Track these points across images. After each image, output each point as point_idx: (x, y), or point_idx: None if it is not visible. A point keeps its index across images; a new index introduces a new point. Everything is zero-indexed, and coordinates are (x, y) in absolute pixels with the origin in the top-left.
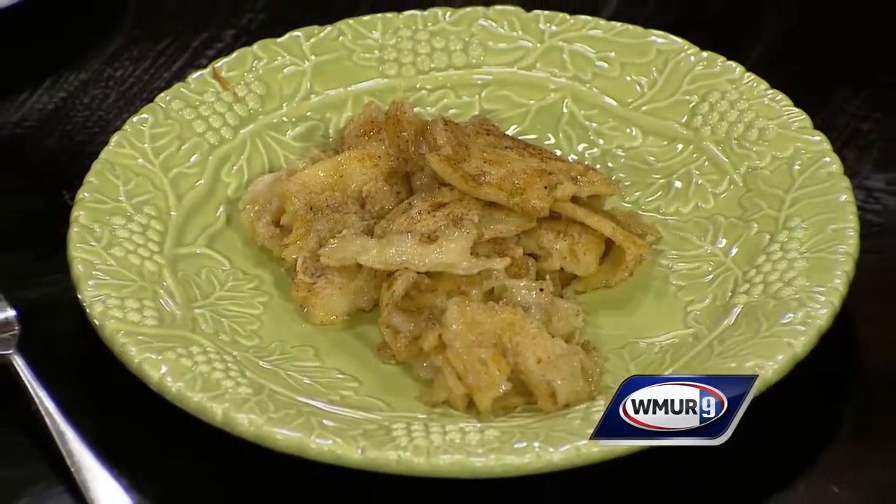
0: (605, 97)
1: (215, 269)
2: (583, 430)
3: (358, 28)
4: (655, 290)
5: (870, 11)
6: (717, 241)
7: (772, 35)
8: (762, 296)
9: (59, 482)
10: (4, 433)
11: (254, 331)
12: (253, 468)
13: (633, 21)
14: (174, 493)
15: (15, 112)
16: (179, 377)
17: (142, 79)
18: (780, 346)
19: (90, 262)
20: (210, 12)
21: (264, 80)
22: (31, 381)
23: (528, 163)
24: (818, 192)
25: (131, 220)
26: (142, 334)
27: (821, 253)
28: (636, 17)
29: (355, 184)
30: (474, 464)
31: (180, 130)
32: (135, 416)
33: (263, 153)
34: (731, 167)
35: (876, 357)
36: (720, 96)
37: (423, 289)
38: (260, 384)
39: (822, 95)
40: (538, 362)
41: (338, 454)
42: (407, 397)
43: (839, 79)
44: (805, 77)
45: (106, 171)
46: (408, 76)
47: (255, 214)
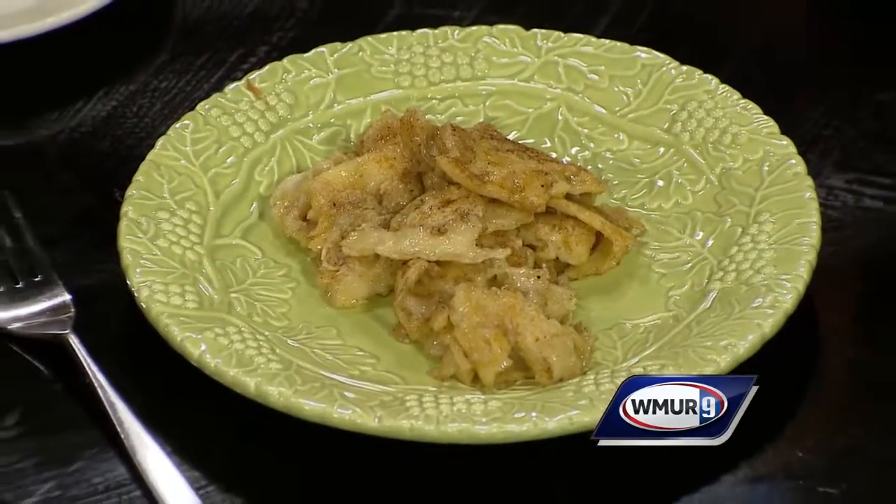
0: (595, 106)
1: (249, 259)
2: (575, 402)
3: (376, 45)
4: (640, 277)
5: (826, 35)
6: (695, 234)
7: (744, 52)
8: (735, 282)
9: (110, 447)
10: (62, 404)
11: (283, 313)
12: (282, 434)
13: (620, 38)
14: (211, 457)
15: (72, 119)
16: (217, 354)
17: (184, 90)
18: (751, 327)
19: (138, 252)
20: (245, 31)
21: (293, 90)
22: (85, 358)
23: (527, 164)
24: (785, 190)
25: (174, 215)
26: (183, 316)
27: (787, 244)
28: (623, 34)
29: (373, 182)
30: (479, 431)
31: (218, 135)
32: (177, 389)
33: (292, 155)
34: (707, 168)
35: (835, 336)
36: (698, 105)
37: (433, 276)
38: (288, 360)
39: (788, 105)
40: (536, 341)
41: (357, 422)
42: (419, 372)
43: (803, 91)
44: (773, 89)
45: (152, 171)
46: (420, 87)
47: (285, 210)
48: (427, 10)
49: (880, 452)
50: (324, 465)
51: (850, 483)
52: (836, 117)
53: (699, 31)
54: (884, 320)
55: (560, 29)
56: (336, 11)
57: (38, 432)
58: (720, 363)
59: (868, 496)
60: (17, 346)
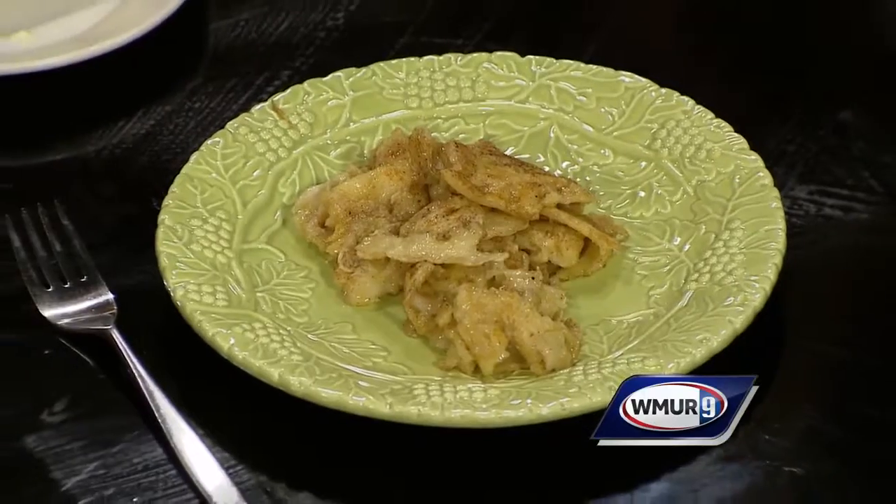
0: (584, 125)
1: (273, 261)
2: (566, 390)
3: (387, 69)
4: (623, 278)
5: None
6: (673, 239)
7: (716, 76)
8: (709, 283)
9: (148, 430)
10: (105, 392)
11: (304, 310)
12: (302, 419)
13: (606, 64)
14: (239, 439)
15: (114, 136)
16: (244, 347)
17: (215, 110)
18: (724, 323)
19: (173, 255)
20: (269, 57)
21: (312, 110)
22: (126, 351)
23: (523, 177)
24: (754, 200)
25: (206, 222)
26: (214, 313)
27: (756, 249)
28: (608, 61)
29: (385, 193)
30: (479, 416)
31: (245, 151)
32: (208, 379)
33: (312, 169)
34: (684, 180)
35: (799, 331)
36: (675, 124)
37: (438, 277)
38: (308, 353)
39: (757, 124)
40: (530, 335)
41: (370, 408)
42: (426, 363)
43: (770, 111)
44: (743, 109)
45: (186, 183)
46: (427, 108)
47: (305, 217)
48: (433, 38)
49: (836, 435)
50: (339, 446)
51: (811, 462)
52: (799, 134)
53: (676, 58)
54: (842, 317)
55: (552, 56)
56: (351, 40)
57: (83, 417)
58: (696, 355)
59: (826, 474)
60: (66, 340)
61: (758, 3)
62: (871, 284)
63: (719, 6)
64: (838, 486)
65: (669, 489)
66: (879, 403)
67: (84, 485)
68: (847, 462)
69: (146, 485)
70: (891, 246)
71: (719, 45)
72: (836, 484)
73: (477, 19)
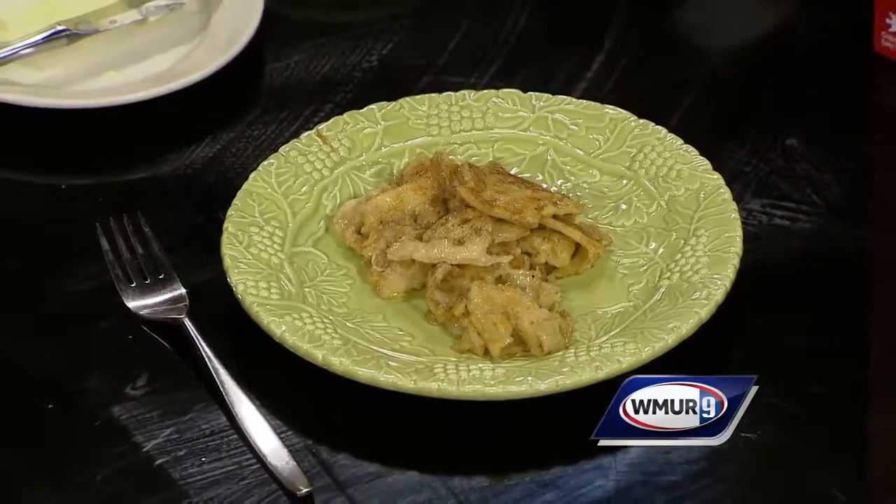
0: (575, 149)
1: (318, 262)
2: (560, 369)
3: (412, 103)
4: (608, 276)
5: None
6: (649, 244)
7: (686, 107)
8: (679, 280)
9: (214, 402)
10: (179, 370)
11: (343, 302)
12: (342, 393)
13: (593, 99)
14: (289, 409)
15: (187, 158)
16: (293, 333)
17: (270, 136)
18: (691, 314)
19: (235, 257)
20: (315, 93)
21: (351, 137)
22: (196, 337)
23: (525, 192)
24: (716, 212)
25: (262, 229)
26: (269, 305)
27: (717, 252)
28: (596, 96)
29: (410, 206)
30: (488, 391)
31: (295, 170)
32: (264, 359)
33: (350, 185)
34: (658, 195)
35: (754, 320)
36: (651, 148)
37: (455, 275)
38: (347, 338)
39: (718, 149)
40: (531, 324)
41: (397, 384)
42: (444, 347)
43: (729, 139)
44: (707, 136)
45: (246, 197)
46: (445, 135)
47: (344, 226)
48: (450, 78)
49: (786, 407)
50: (372, 415)
51: (764, 430)
52: (754, 157)
53: (652, 93)
54: (791, 308)
55: (549, 92)
56: (383, 78)
57: (161, 391)
58: (668, 340)
59: (777, 439)
60: (146, 327)
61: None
62: (813, 281)
63: (688, 55)
64: (787, 449)
65: (644, 452)
66: (823, 382)
67: (161, 447)
68: (795, 429)
69: (212, 447)
70: (828, 249)
71: (688, 83)
72: (785, 446)
73: (486, 62)
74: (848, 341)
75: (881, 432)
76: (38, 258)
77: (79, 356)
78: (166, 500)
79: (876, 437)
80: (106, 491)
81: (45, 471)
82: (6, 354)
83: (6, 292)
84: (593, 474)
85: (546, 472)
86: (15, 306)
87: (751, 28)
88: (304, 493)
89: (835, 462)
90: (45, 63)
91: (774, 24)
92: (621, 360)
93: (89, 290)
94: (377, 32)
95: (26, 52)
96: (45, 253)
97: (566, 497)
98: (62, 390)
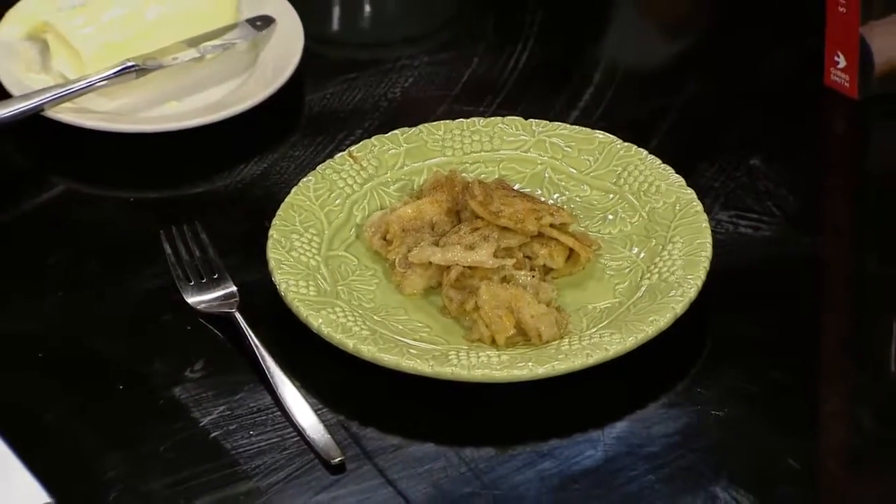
0: (569, 168)
1: (349, 264)
2: (556, 356)
3: (430, 128)
4: (597, 277)
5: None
6: (632, 249)
7: (662, 133)
8: (658, 280)
9: (260, 384)
10: (230, 356)
11: (370, 298)
12: (370, 375)
13: (584, 125)
14: (325, 390)
15: (237, 175)
16: (329, 325)
17: (308, 157)
18: (668, 309)
19: (279, 259)
20: (347, 119)
21: (378, 157)
22: (246, 328)
23: (526, 205)
24: (689, 222)
25: (302, 236)
26: (307, 300)
27: (691, 256)
28: (586, 122)
29: (428, 216)
30: (495, 374)
31: (330, 186)
32: (303, 347)
33: (377, 198)
34: (640, 207)
35: (722, 315)
36: (634, 167)
37: (466, 276)
38: (374, 329)
39: (691, 168)
40: (531, 317)
41: (417, 368)
42: (457, 336)
43: (701, 159)
44: (682, 157)
45: (288, 208)
46: (458, 156)
47: (372, 233)
48: (463, 107)
49: (750, 389)
50: (395, 395)
51: (730, 408)
52: (722, 175)
53: (635, 121)
54: (754, 304)
55: (546, 119)
56: (405, 107)
57: (215, 374)
58: (648, 331)
59: (740, 416)
60: (203, 320)
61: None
62: (773, 281)
63: (665, 88)
64: (749, 424)
65: (628, 427)
66: (780, 368)
67: (215, 422)
68: (756, 408)
69: (259, 422)
70: (785, 254)
71: (665, 112)
72: (748, 422)
73: (493, 94)
74: (801, 333)
75: (827, 411)
76: (113, 260)
77: (145, 344)
78: (220, 467)
79: (823, 414)
80: (168, 459)
81: (116, 442)
82: (84, 342)
83: (86, 290)
84: (584, 446)
85: (544, 443)
86: (93, 301)
87: (718, 65)
88: (336, 461)
89: (789, 435)
90: (116, 94)
91: (739, 61)
92: (608, 348)
93: (154, 288)
94: (400, 69)
95: (101, 84)
96: (118, 256)
97: (561, 465)
98: (131, 373)
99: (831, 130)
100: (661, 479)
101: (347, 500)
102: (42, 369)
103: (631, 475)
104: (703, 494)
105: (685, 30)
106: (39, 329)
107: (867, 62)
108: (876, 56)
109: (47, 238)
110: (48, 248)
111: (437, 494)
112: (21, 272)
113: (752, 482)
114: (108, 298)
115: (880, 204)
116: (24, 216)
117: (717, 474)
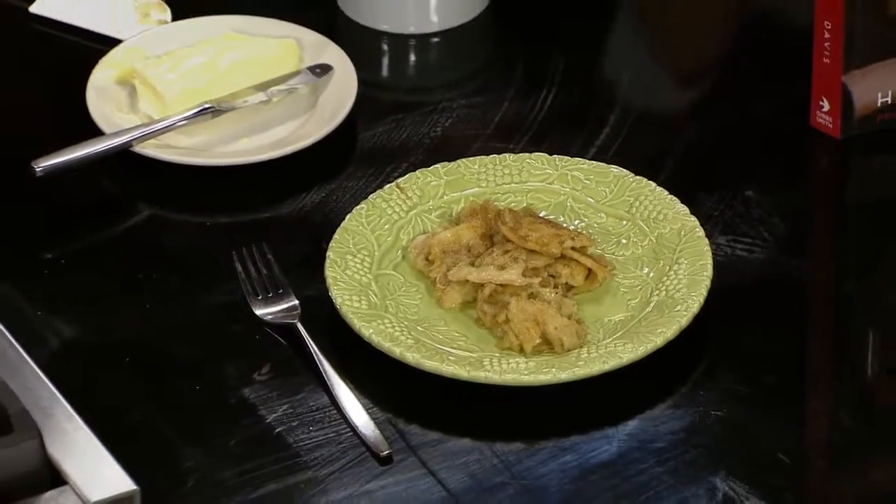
0: (588, 198)
1: (396, 281)
2: (576, 363)
3: (466, 163)
4: (612, 293)
5: (718, 154)
6: (643, 269)
7: (669, 168)
8: (665, 297)
9: (319, 386)
10: (293, 361)
11: (415, 312)
12: (414, 378)
13: (601, 160)
14: (375, 391)
15: (299, 203)
16: (378, 334)
17: (361, 188)
18: (674, 322)
19: (336, 277)
20: (394, 154)
21: (421, 188)
22: (307, 337)
23: (550, 230)
24: (693, 245)
25: (355, 257)
26: (360, 313)
27: (694, 276)
28: (603, 158)
29: (465, 240)
30: (523, 378)
31: (379, 213)
32: (356, 353)
33: (420, 224)
34: (649, 232)
35: (721, 327)
36: (644, 197)
37: (498, 292)
38: (418, 338)
39: (695, 198)
40: (555, 329)
41: (455, 373)
42: (490, 345)
43: (703, 190)
44: (686, 189)
45: (343, 233)
46: (491, 187)
47: (416, 254)
48: (495, 144)
49: (746, 391)
50: (436, 396)
51: (729, 409)
52: (721, 205)
53: (645, 157)
54: (748, 317)
55: (568, 155)
56: (445, 144)
57: (279, 377)
58: (657, 341)
59: (739, 416)
60: (269, 329)
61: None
62: (767, 297)
63: (672, 128)
64: (745, 423)
65: (639, 425)
66: (773, 373)
67: (279, 419)
68: (752, 408)
69: (317, 419)
70: (776, 274)
71: (672, 150)
72: (744, 421)
73: (521, 133)
74: (790, 343)
75: (813, 411)
76: (192, 277)
77: (219, 350)
78: (283, 458)
79: (809, 414)
80: (238, 452)
81: (192, 436)
82: (166, 348)
83: (169, 302)
84: (601, 441)
85: (566, 439)
86: (174, 313)
87: (718, 109)
88: (385, 454)
89: (781, 433)
90: (194, 131)
91: (736, 105)
92: (622, 356)
93: (227, 301)
94: (440, 110)
95: (181, 123)
96: (196, 273)
97: (580, 458)
98: (207, 375)
99: (817, 166)
100: (667, 471)
101: (394, 489)
102: (131, 371)
103: (641, 467)
104: (704, 485)
105: (689, 78)
106: (129, 336)
107: (848, 106)
108: (856, 101)
109: (136, 257)
110: (137, 266)
111: (473, 483)
112: (113, 287)
113: (747, 474)
114: (188, 310)
115: (859, 231)
116: (115, 238)
117: (716, 467)
